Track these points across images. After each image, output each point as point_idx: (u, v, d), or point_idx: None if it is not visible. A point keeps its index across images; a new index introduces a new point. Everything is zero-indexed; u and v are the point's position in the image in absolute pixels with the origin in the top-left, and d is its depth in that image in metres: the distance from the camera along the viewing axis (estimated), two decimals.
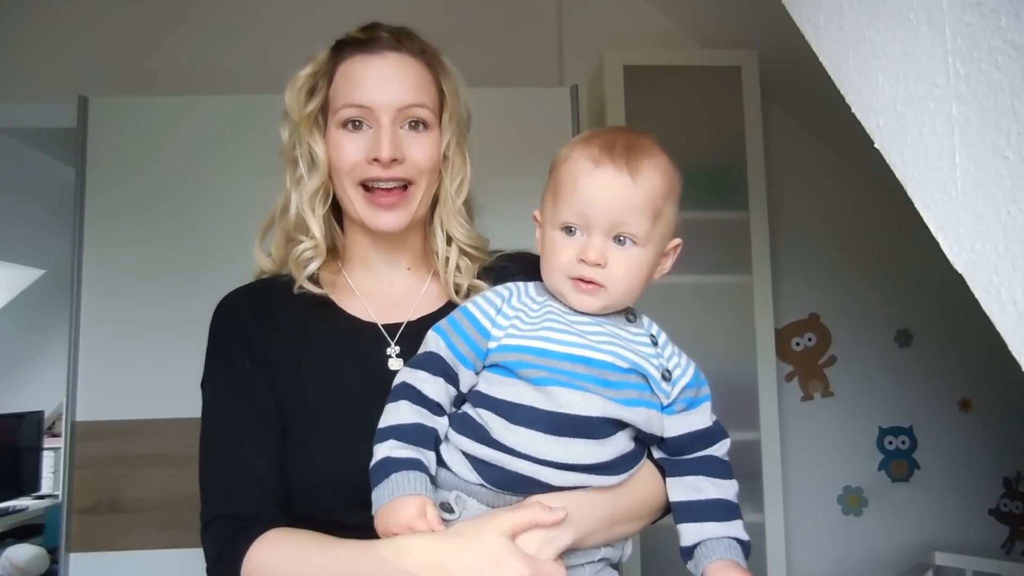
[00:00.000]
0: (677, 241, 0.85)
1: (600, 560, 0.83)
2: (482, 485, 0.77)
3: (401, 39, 0.94)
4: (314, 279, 0.95)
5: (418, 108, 0.91)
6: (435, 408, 0.79)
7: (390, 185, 0.91)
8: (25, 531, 3.49)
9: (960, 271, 0.55)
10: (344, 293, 0.97)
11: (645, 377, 0.80)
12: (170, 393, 2.05)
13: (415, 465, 0.75)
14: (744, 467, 2.23)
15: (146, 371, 2.08)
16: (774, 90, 2.47)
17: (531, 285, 0.86)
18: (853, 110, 0.69)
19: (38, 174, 3.42)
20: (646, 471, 0.85)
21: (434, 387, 0.79)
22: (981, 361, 2.46)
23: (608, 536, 0.82)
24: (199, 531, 0.86)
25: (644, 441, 0.84)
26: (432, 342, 0.82)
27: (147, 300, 2.11)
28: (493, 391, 0.79)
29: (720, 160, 2.34)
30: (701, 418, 0.85)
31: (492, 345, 0.80)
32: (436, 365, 0.80)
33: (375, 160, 0.89)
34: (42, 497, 3.86)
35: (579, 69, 2.51)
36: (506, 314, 0.82)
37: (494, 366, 0.80)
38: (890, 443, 2.56)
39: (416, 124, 0.92)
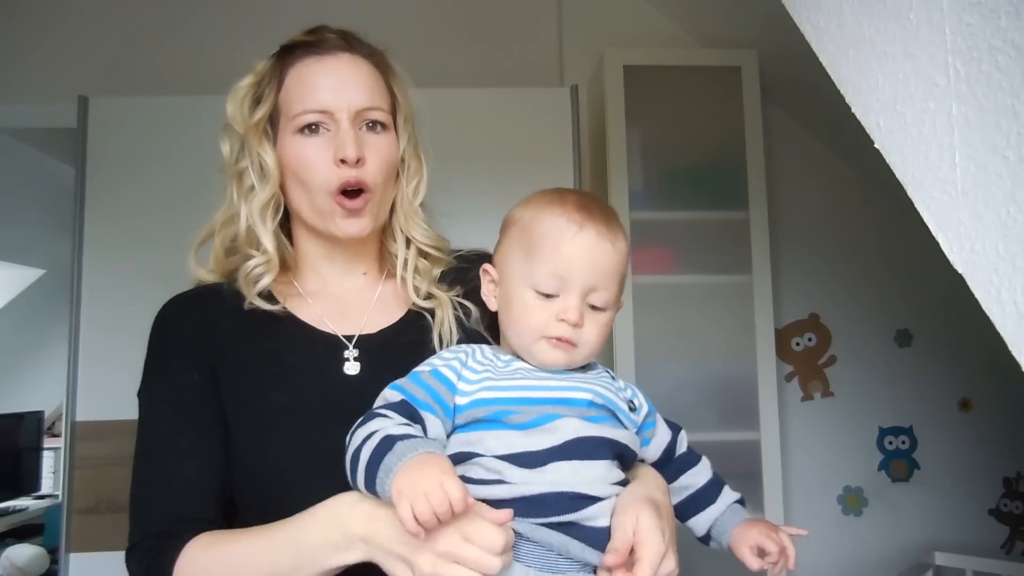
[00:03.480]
0: (620, 305, 0.86)
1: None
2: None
3: (350, 40, 0.92)
4: (263, 292, 0.90)
5: (374, 110, 0.89)
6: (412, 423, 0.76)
7: (354, 188, 0.88)
8: (25, 531, 3.50)
9: (960, 271, 0.55)
10: (295, 300, 0.93)
11: (613, 412, 0.81)
12: None
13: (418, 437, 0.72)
14: (744, 467, 2.23)
15: None
16: (774, 90, 2.47)
17: (484, 347, 0.85)
18: (853, 110, 0.69)
19: (38, 174, 3.43)
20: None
21: (401, 423, 0.74)
22: (981, 361, 2.46)
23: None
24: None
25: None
26: (390, 397, 0.79)
27: (147, 300, 2.10)
28: (487, 447, 0.75)
29: (720, 160, 2.34)
30: (663, 431, 0.89)
31: (462, 401, 0.78)
32: (400, 408, 0.76)
33: (342, 162, 0.85)
34: (42, 497, 3.86)
35: (579, 69, 2.51)
36: (474, 369, 0.80)
37: (474, 423, 0.77)
38: (890, 443, 2.56)
39: (374, 126, 0.89)
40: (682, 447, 0.91)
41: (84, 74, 2.42)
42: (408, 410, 0.76)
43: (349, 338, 0.90)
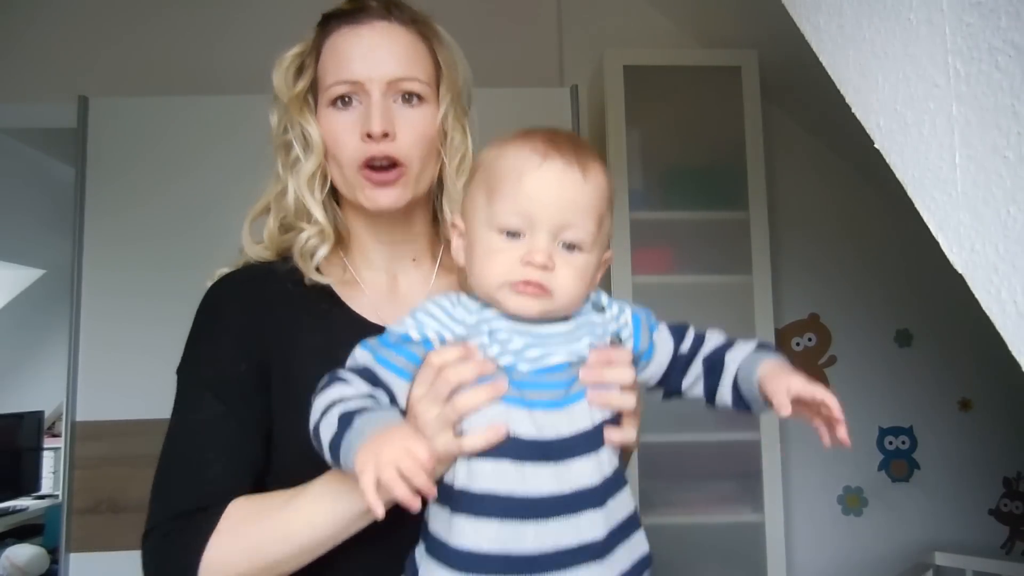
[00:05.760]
0: (610, 253, 0.79)
1: None
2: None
3: (390, 7, 0.86)
4: (318, 268, 0.87)
5: (410, 81, 0.84)
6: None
7: (384, 163, 0.83)
8: (25, 531, 3.49)
9: (960, 271, 0.55)
10: (348, 287, 0.89)
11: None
12: (170, 393, 2.05)
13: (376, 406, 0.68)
14: (744, 467, 2.23)
15: (146, 371, 2.07)
16: (774, 90, 2.47)
17: (463, 295, 0.77)
18: (853, 110, 0.69)
19: (38, 174, 3.43)
20: None
21: (362, 394, 0.70)
22: (981, 361, 2.46)
23: None
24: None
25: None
26: (360, 359, 0.73)
27: (147, 300, 2.10)
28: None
29: (720, 160, 2.34)
30: (664, 342, 0.81)
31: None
32: (364, 375, 0.71)
33: (368, 136, 0.82)
34: (42, 497, 3.86)
35: (579, 69, 2.51)
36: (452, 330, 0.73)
37: None
38: (890, 443, 2.56)
39: (409, 97, 0.84)
40: (689, 339, 0.81)
41: (84, 74, 2.42)
42: (370, 376, 0.71)
43: None
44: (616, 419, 0.75)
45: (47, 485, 4.01)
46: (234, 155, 2.14)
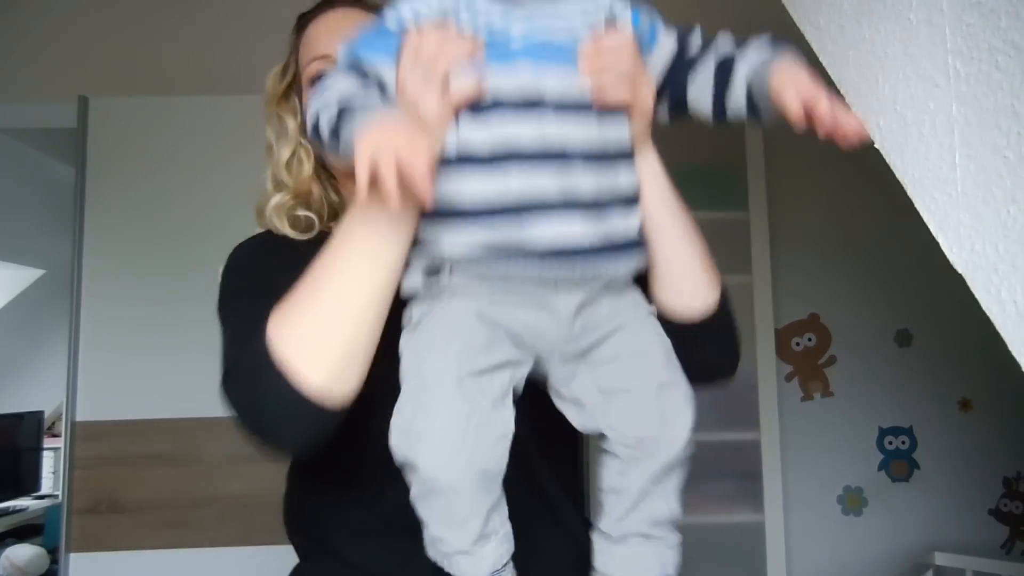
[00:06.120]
0: None
1: None
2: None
3: (357, 1, 0.92)
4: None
5: None
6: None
7: None
8: (25, 531, 3.49)
9: (960, 271, 0.55)
10: None
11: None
12: (170, 393, 2.06)
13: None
14: (744, 467, 2.23)
15: (146, 371, 2.08)
16: None
17: None
18: (853, 110, 0.69)
19: (38, 174, 3.43)
20: None
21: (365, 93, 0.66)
22: (981, 361, 2.46)
23: None
24: (220, 387, 0.73)
25: None
26: (342, 54, 0.70)
27: (147, 300, 2.11)
28: None
29: (720, 160, 2.34)
30: (667, 36, 0.75)
31: None
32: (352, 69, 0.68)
33: None
34: (42, 497, 3.86)
35: None
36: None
37: None
38: (890, 443, 2.56)
39: None
40: (695, 45, 0.75)
41: (84, 74, 2.42)
42: (359, 70, 0.68)
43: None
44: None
45: (47, 485, 4.01)
46: (234, 155, 2.14)
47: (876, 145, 0.66)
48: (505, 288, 0.68)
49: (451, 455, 0.66)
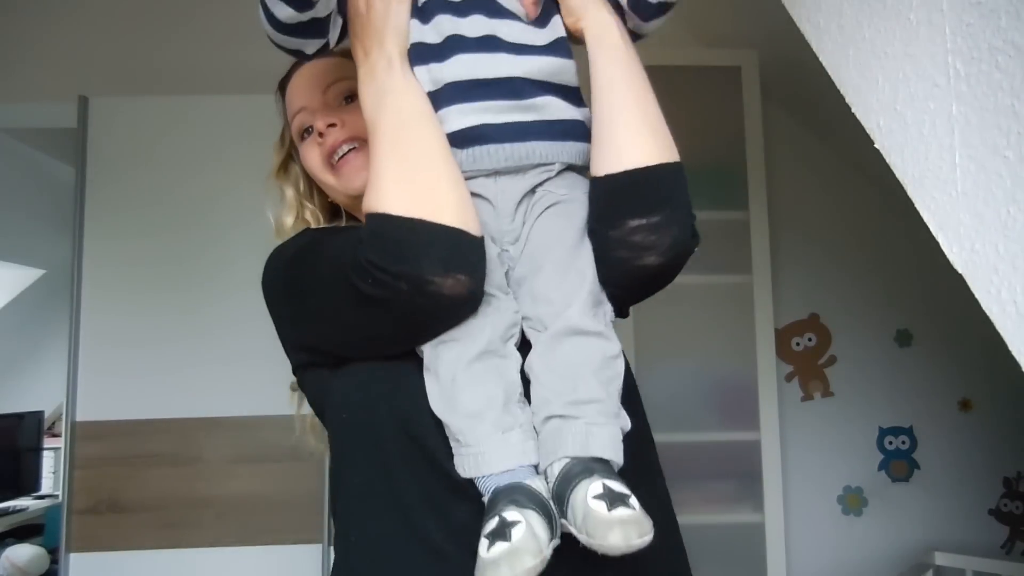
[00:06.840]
0: None
1: None
2: None
3: (321, 52, 0.93)
4: None
5: (342, 81, 0.91)
6: None
7: (346, 148, 0.89)
8: (25, 531, 3.49)
9: (960, 271, 0.55)
10: None
11: None
12: (170, 393, 2.06)
13: None
14: (744, 467, 2.23)
15: (146, 371, 2.08)
16: (774, 90, 2.47)
17: None
18: (853, 110, 0.69)
19: (38, 174, 3.43)
20: None
21: None
22: (981, 361, 2.46)
23: None
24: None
25: None
26: None
27: (147, 300, 2.11)
28: None
29: (720, 160, 2.33)
30: None
31: None
32: None
33: (320, 136, 0.89)
34: (42, 497, 3.86)
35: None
36: None
37: None
38: (890, 443, 2.56)
39: (351, 97, 0.89)
40: None
41: (84, 74, 2.42)
42: None
43: None
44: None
45: (47, 485, 4.01)
46: (234, 155, 2.14)
47: (876, 145, 0.66)
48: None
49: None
